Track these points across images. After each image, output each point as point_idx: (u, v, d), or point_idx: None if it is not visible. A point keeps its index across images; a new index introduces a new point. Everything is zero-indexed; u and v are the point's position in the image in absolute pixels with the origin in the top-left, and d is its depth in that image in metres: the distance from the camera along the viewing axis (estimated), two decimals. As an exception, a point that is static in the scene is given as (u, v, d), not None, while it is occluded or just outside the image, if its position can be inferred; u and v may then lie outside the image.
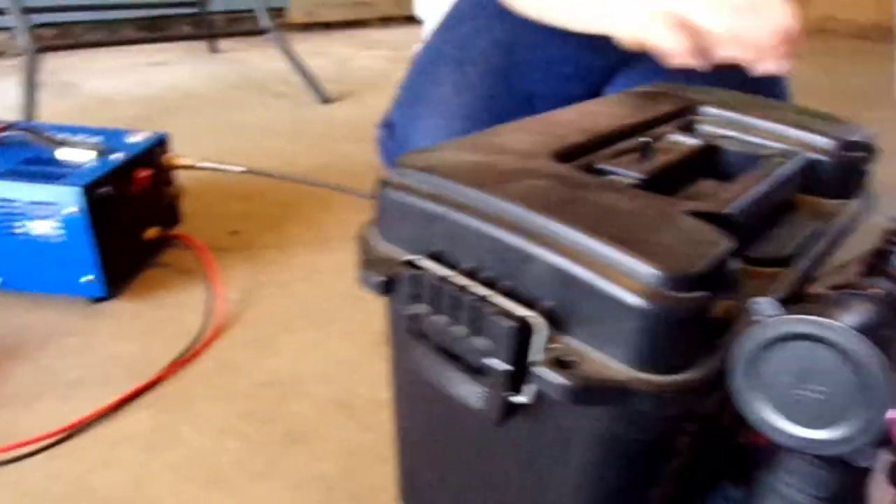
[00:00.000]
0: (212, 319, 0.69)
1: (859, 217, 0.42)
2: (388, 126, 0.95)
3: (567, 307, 0.28)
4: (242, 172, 0.85)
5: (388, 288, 0.32)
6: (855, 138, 0.44)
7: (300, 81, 1.58)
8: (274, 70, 1.76)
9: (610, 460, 0.32)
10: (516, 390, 0.28)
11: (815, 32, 2.78)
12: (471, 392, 0.30)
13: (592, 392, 0.26)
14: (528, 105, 0.91)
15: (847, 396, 0.22)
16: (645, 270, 0.26)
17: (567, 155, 0.37)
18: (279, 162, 1.15)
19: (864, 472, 0.33)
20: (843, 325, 0.22)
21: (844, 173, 0.43)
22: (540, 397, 0.28)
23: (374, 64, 1.98)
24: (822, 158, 0.42)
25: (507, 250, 0.29)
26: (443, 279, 0.30)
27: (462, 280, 0.30)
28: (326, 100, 1.54)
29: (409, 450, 0.44)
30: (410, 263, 0.31)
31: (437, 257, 0.32)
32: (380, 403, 0.58)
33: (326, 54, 2.09)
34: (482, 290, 0.29)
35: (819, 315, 0.22)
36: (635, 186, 0.36)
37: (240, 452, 0.53)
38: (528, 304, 0.28)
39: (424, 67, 0.94)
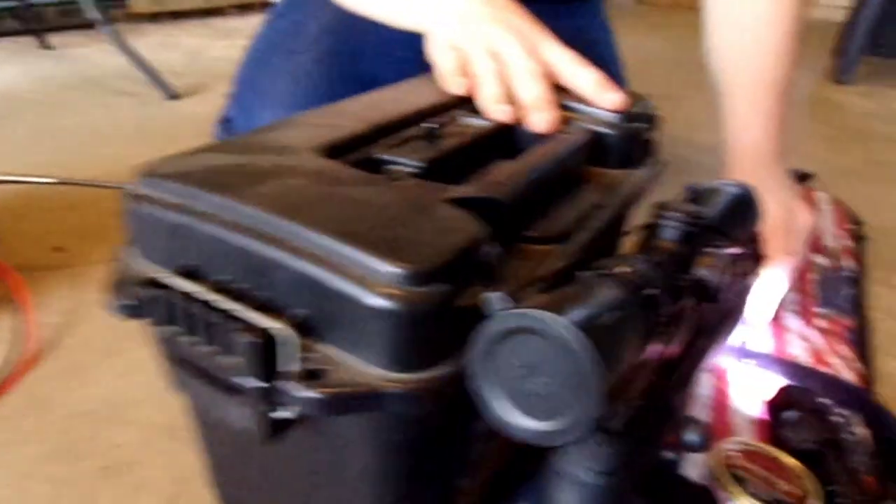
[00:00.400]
0: (21, 350, 0.62)
1: (646, 185, 0.44)
2: (226, 122, 0.89)
3: (319, 314, 0.26)
4: (56, 184, 0.77)
5: (137, 311, 0.30)
6: (637, 110, 0.45)
7: (145, 77, 1.46)
8: (115, 66, 1.62)
9: (395, 462, 0.31)
10: (276, 406, 0.26)
11: (669, 7, 2.95)
12: (234, 413, 0.28)
13: (344, 401, 0.25)
14: (369, 90, 0.88)
15: (566, 387, 0.21)
16: (385, 269, 0.25)
17: (340, 148, 0.35)
18: (117, 167, 1.05)
19: (641, 444, 0.34)
20: (557, 317, 0.21)
21: (629, 144, 0.44)
22: (306, 410, 0.27)
23: (231, 54, 1.87)
24: (607, 131, 0.43)
25: (254, 259, 0.27)
26: (187, 296, 0.28)
27: (209, 295, 0.27)
28: (174, 95, 1.45)
29: (216, 473, 0.41)
30: (155, 282, 0.29)
31: (188, 272, 0.29)
32: (212, 421, 0.55)
33: (176, 46, 1.96)
34: (229, 305, 0.27)
35: (543, 306, 0.22)
36: (416, 175, 0.35)
37: (48, 498, 0.48)
38: (281, 314, 0.27)
39: (257, 58, 0.90)
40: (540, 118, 0.42)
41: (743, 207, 0.46)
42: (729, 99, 0.70)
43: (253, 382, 0.26)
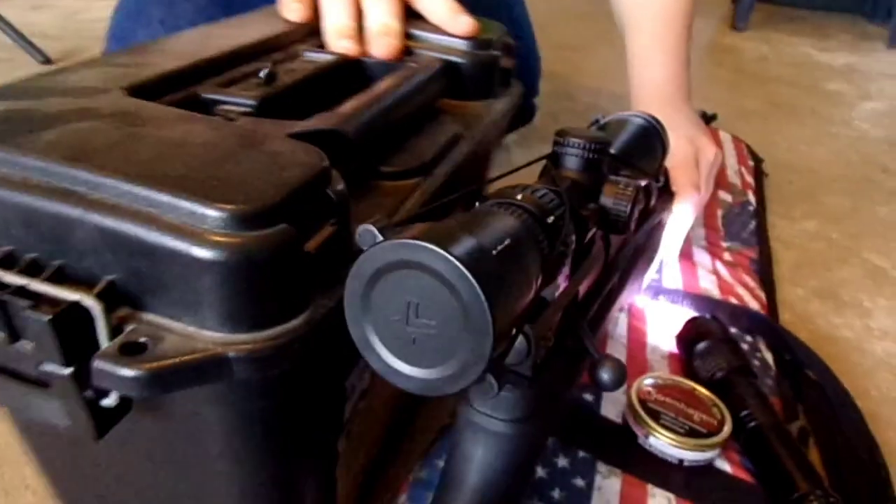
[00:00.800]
0: None
1: (504, 117, 0.42)
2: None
3: (134, 278, 0.21)
4: None
5: None
6: (490, 37, 0.43)
7: (14, 43, 1.31)
8: (-23, 30, 1.45)
9: (260, 437, 0.26)
10: (95, 393, 0.22)
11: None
12: (48, 410, 0.22)
13: (175, 375, 0.20)
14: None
15: (453, 328, 0.19)
16: (208, 213, 0.20)
17: (157, 87, 0.30)
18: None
19: (553, 387, 0.32)
20: (440, 249, 0.18)
21: (484, 73, 0.42)
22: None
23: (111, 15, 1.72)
24: (461, 60, 0.41)
25: (43, 220, 0.22)
26: None
27: None
28: (46, 60, 1.31)
29: (58, 487, 0.35)
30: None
31: None
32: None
33: (51, 7, 1.77)
34: (13, 279, 0.21)
35: (424, 237, 0.19)
36: (249, 114, 0.31)
37: None
38: (84, 283, 0.22)
39: (131, 10, 0.81)
40: (382, 45, 0.40)
41: (649, 138, 0.45)
42: (630, 38, 0.69)
43: (58, 369, 0.21)
